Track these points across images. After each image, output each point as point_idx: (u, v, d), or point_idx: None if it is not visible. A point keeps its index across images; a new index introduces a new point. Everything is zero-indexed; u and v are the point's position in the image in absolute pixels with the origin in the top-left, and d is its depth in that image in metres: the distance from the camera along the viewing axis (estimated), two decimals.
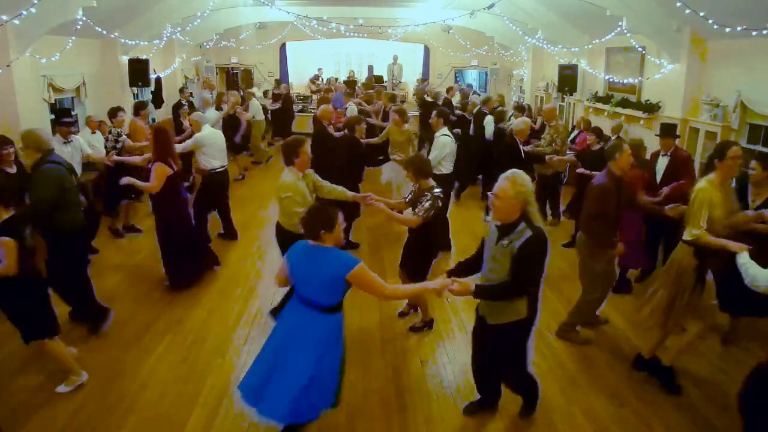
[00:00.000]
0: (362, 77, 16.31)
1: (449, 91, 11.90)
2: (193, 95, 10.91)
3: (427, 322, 4.60)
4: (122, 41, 8.80)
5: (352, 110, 9.32)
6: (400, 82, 16.03)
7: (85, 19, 6.59)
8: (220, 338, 4.42)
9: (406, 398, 3.70)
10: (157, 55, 10.49)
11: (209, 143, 6.07)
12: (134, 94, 9.74)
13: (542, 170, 7.07)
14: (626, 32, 7.44)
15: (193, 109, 8.99)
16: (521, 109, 9.68)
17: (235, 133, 9.26)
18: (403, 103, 10.96)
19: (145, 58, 9.31)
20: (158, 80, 10.83)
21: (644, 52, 7.81)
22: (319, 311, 2.89)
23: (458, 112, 9.36)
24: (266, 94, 13.33)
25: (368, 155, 6.97)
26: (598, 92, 9.41)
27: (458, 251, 6.12)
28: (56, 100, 7.69)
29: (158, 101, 10.91)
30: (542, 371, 3.99)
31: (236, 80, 16.15)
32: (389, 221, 5.70)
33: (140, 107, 7.58)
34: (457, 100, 11.15)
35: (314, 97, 14.35)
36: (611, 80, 8.96)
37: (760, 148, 5.81)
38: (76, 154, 5.84)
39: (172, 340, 4.38)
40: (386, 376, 3.96)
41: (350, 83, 14.34)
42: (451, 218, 6.43)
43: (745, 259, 3.14)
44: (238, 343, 4.36)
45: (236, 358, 4.14)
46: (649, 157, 5.53)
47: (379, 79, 15.88)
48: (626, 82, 8.29)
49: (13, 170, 4.24)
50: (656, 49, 7.25)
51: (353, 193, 4.44)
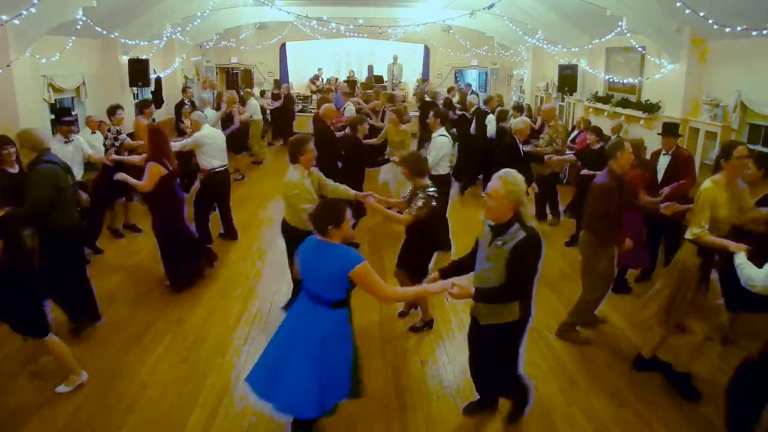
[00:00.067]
0: (362, 77, 16.29)
1: (450, 91, 11.90)
2: (194, 95, 10.89)
3: (427, 322, 4.61)
4: (122, 41, 8.80)
5: (350, 110, 9.32)
6: (400, 82, 16.00)
7: (85, 19, 6.58)
8: (220, 338, 4.42)
9: (406, 398, 3.71)
10: (157, 55, 10.49)
11: (209, 143, 6.07)
12: (134, 94, 9.72)
13: (540, 170, 7.07)
14: (626, 32, 7.43)
15: (195, 108, 8.95)
16: (519, 108, 9.70)
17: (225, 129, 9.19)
18: (403, 103, 10.95)
19: (145, 58, 9.30)
20: (158, 80, 10.82)
21: (644, 52, 7.81)
22: (326, 306, 2.90)
23: (459, 111, 9.37)
24: (263, 94, 13.31)
25: (368, 156, 6.97)
26: (598, 92, 9.41)
27: (458, 251, 6.10)
28: (56, 100, 7.68)
29: (158, 101, 10.88)
30: (542, 371, 4.00)
31: (236, 80, 16.14)
32: (389, 221, 5.70)
33: (144, 106, 7.57)
34: (456, 100, 11.16)
35: (314, 97, 14.35)
36: (611, 80, 8.95)
37: (760, 148, 5.81)
38: (77, 153, 5.84)
39: (172, 340, 4.38)
40: (386, 376, 3.96)
41: (350, 83, 14.33)
42: (451, 218, 6.44)
43: (741, 259, 3.14)
44: (238, 343, 4.36)
45: (236, 358, 4.14)
46: (649, 156, 5.54)
47: (379, 79, 15.86)
48: (626, 82, 8.29)
49: (14, 170, 4.23)
50: (656, 49, 7.25)
51: (355, 191, 4.47)
